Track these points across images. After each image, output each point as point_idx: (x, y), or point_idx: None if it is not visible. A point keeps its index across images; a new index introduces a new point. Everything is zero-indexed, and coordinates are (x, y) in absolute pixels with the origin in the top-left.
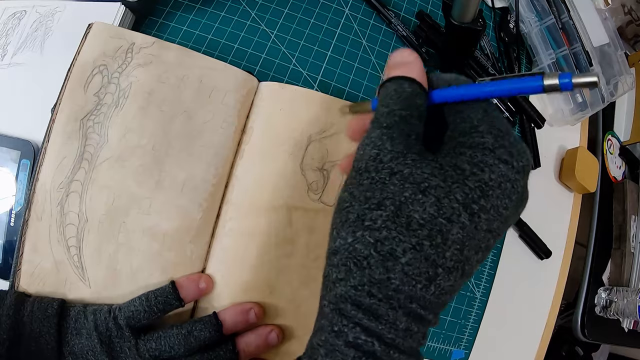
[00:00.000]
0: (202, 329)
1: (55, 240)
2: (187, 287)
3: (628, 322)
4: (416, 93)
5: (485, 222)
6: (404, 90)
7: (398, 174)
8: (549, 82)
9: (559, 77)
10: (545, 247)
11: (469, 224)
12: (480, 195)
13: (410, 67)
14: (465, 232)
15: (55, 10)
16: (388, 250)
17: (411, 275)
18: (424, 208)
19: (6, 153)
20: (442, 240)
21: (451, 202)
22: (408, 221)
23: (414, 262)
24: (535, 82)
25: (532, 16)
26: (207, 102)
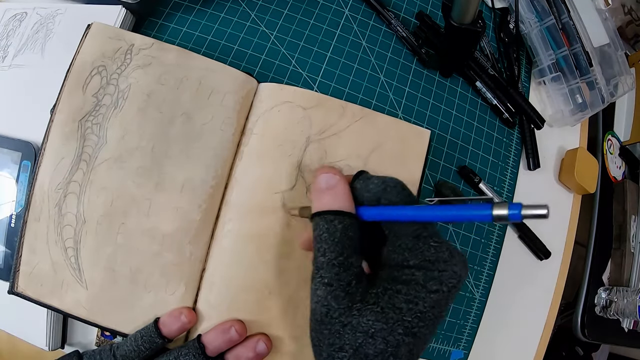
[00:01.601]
0: (186, 354)
1: (53, 242)
2: (169, 323)
3: (628, 322)
4: (347, 227)
5: (426, 330)
6: (335, 229)
7: (348, 325)
8: (498, 213)
9: (508, 208)
10: (545, 248)
11: (413, 340)
12: (418, 321)
13: (336, 191)
14: (411, 345)
15: (56, 13)
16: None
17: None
18: (375, 346)
19: (7, 154)
20: (393, 358)
21: (395, 336)
22: (365, 355)
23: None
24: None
25: (532, 16)
26: (206, 103)
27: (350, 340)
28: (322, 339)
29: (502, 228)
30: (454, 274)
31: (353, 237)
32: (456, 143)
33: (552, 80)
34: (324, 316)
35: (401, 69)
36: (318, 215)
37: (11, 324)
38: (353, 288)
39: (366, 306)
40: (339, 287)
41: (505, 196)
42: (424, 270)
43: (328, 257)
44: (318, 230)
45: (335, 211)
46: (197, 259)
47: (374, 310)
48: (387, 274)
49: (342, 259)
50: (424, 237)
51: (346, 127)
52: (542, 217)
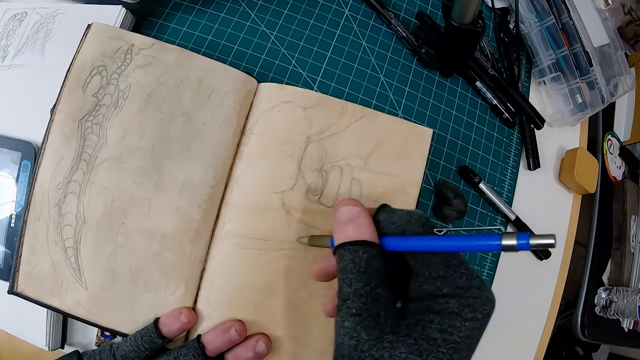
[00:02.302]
0: (186, 354)
1: (53, 241)
2: (169, 324)
3: (628, 322)
4: (372, 257)
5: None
6: (360, 259)
7: (380, 359)
8: (507, 243)
9: (516, 238)
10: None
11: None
12: (453, 352)
13: (359, 222)
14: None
15: (56, 12)
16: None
17: None
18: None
19: (7, 154)
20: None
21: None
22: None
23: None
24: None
25: (532, 16)
26: (206, 103)
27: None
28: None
29: (502, 228)
30: (487, 300)
31: (379, 268)
32: (456, 143)
33: (552, 80)
34: (352, 350)
35: (401, 69)
36: (342, 246)
37: (11, 324)
38: (382, 319)
39: (398, 338)
40: (368, 317)
41: (505, 196)
42: (458, 297)
43: (355, 287)
44: (343, 262)
45: (360, 241)
46: (197, 258)
47: (406, 342)
48: (419, 306)
49: (370, 288)
50: (454, 265)
51: (346, 127)
52: (550, 247)
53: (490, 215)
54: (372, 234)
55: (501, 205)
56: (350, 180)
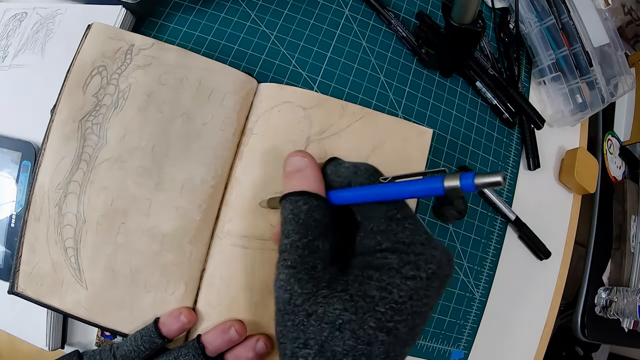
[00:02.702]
0: (186, 354)
1: (53, 241)
2: (169, 324)
3: (628, 322)
4: (312, 208)
5: (405, 328)
6: (300, 210)
7: (313, 314)
8: (450, 184)
9: (460, 179)
10: (545, 248)
11: (388, 337)
12: (393, 314)
13: (304, 173)
14: (386, 344)
15: (56, 13)
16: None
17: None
18: (343, 342)
19: (7, 154)
20: (366, 358)
21: (366, 330)
22: (332, 354)
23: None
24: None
25: (532, 16)
26: (206, 103)
27: (316, 333)
28: (286, 333)
29: (502, 228)
30: (432, 257)
31: (320, 220)
32: (456, 143)
33: (552, 80)
34: (286, 304)
35: (401, 69)
36: (285, 197)
37: (11, 324)
38: (319, 272)
39: (333, 293)
40: (302, 269)
41: (505, 196)
42: (399, 253)
43: (292, 239)
44: (284, 212)
45: (301, 192)
46: (197, 258)
47: (342, 297)
48: (360, 261)
49: (307, 240)
50: (397, 218)
51: (346, 127)
52: (496, 185)
53: (490, 215)
54: (317, 185)
55: (501, 205)
56: None
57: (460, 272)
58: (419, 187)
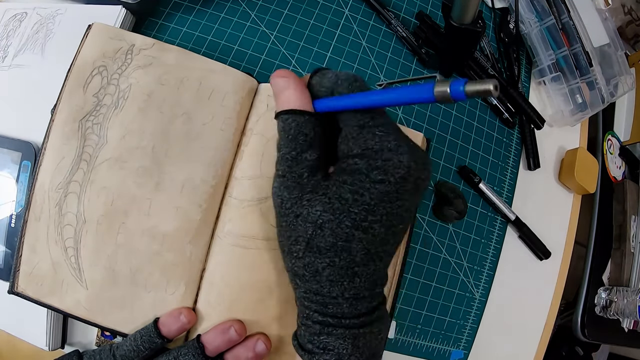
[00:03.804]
0: (186, 354)
1: (53, 241)
2: (168, 324)
3: (628, 322)
4: (301, 124)
5: (381, 227)
6: (289, 126)
7: (300, 216)
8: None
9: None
10: (545, 248)
11: (365, 235)
12: (366, 215)
13: (289, 93)
14: (364, 242)
15: (56, 13)
16: (313, 269)
17: (335, 281)
18: (324, 239)
19: (7, 154)
20: (348, 254)
21: (343, 229)
22: (318, 249)
23: (333, 273)
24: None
25: (532, 16)
26: (206, 103)
27: (303, 231)
28: (282, 233)
29: (502, 228)
30: (399, 163)
31: (308, 134)
32: (456, 143)
33: (552, 80)
34: (279, 207)
35: (401, 69)
36: (276, 117)
37: (11, 324)
38: (304, 180)
39: (315, 197)
40: (290, 178)
41: (505, 196)
42: (367, 159)
43: (282, 152)
44: (278, 129)
45: (289, 110)
46: (197, 258)
47: (322, 200)
48: (337, 166)
49: (295, 153)
50: (369, 126)
51: None
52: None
53: (490, 215)
54: (303, 101)
55: (501, 205)
56: None
57: (460, 272)
58: (407, 92)
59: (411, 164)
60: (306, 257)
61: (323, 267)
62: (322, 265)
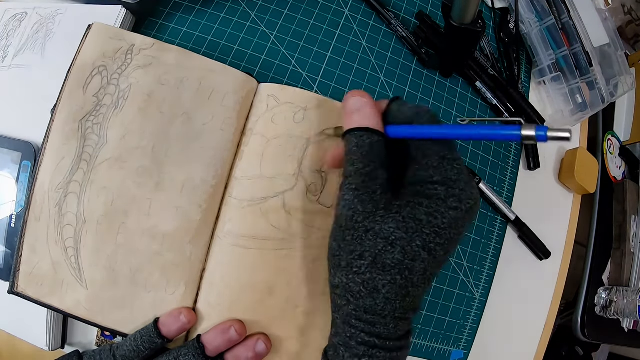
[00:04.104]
0: (186, 354)
1: (53, 241)
2: (168, 324)
3: (628, 322)
4: (374, 142)
5: (442, 251)
6: (364, 143)
7: (371, 231)
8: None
9: (535, 129)
10: (545, 248)
11: (428, 257)
12: (436, 237)
13: (364, 112)
14: (426, 262)
15: (56, 13)
16: (372, 286)
17: (390, 299)
18: (393, 255)
19: (7, 154)
20: (409, 273)
21: (413, 248)
22: (383, 265)
23: (391, 291)
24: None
25: (532, 16)
26: (206, 103)
27: (371, 247)
28: (343, 247)
29: (502, 228)
30: (471, 194)
31: (380, 153)
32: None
33: (552, 80)
34: (349, 220)
35: (401, 69)
36: (349, 132)
37: (11, 324)
38: (378, 196)
39: (389, 214)
40: (365, 192)
41: (505, 196)
42: (447, 187)
43: (357, 167)
44: (349, 145)
45: (365, 128)
46: (197, 259)
47: (396, 218)
48: (411, 190)
49: (369, 169)
50: (448, 158)
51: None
52: (565, 140)
53: (490, 215)
54: (376, 122)
55: (501, 205)
56: None
57: (460, 272)
58: (497, 131)
59: (477, 197)
60: (368, 272)
61: (383, 285)
62: (383, 282)
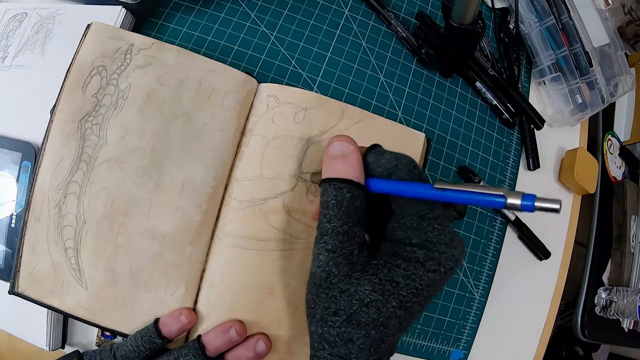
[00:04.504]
0: (186, 354)
1: (53, 242)
2: (169, 324)
3: (628, 322)
4: (354, 197)
5: (418, 306)
6: (343, 197)
7: (346, 292)
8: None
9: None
10: (544, 248)
11: (404, 313)
12: (412, 297)
13: (349, 160)
14: (401, 318)
15: (56, 13)
16: (347, 337)
17: (364, 349)
18: (368, 315)
19: (7, 155)
20: (384, 328)
21: (388, 308)
22: (357, 322)
23: (365, 342)
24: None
25: (532, 17)
26: (206, 104)
27: (346, 306)
28: (318, 302)
29: (501, 228)
30: (452, 256)
31: (359, 207)
32: (456, 143)
33: (552, 80)
34: (323, 281)
35: (401, 70)
36: (328, 181)
37: (11, 324)
38: (355, 257)
39: (365, 276)
40: (341, 254)
41: None
42: (425, 250)
43: (333, 225)
44: (326, 196)
45: (346, 180)
46: (197, 259)
47: (372, 280)
48: (389, 249)
49: (347, 227)
50: (428, 218)
51: (346, 129)
52: (554, 212)
53: (490, 216)
54: (360, 174)
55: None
56: None
57: (460, 272)
58: (480, 197)
59: (460, 257)
60: (343, 327)
61: (358, 337)
62: (357, 335)
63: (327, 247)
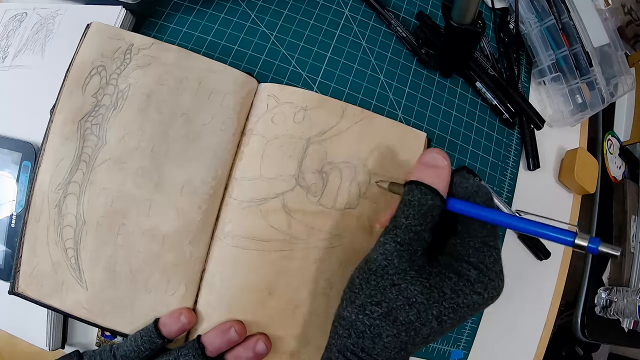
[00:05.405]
0: (186, 355)
1: (53, 242)
2: (169, 324)
3: (628, 322)
4: (435, 206)
5: (450, 324)
6: (426, 203)
7: (397, 286)
8: (579, 242)
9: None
10: (544, 248)
11: (437, 326)
12: (451, 312)
13: (439, 173)
14: (433, 330)
15: (56, 13)
16: (377, 332)
17: (388, 348)
18: (407, 315)
19: (7, 155)
20: (415, 334)
21: (428, 315)
22: (394, 319)
23: (391, 342)
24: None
25: (532, 17)
26: (206, 104)
27: (390, 299)
28: (365, 288)
29: (502, 228)
30: (497, 287)
31: (435, 217)
32: (456, 143)
33: (552, 80)
34: (381, 269)
35: (401, 70)
36: (416, 184)
37: (11, 324)
38: (416, 257)
39: (419, 278)
40: (407, 250)
41: (505, 196)
42: (478, 272)
43: (409, 222)
44: (411, 196)
45: (434, 189)
46: (197, 259)
47: (423, 284)
48: (447, 261)
49: (420, 229)
50: (489, 245)
51: (346, 129)
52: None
53: None
54: (445, 189)
55: (501, 206)
56: (349, 182)
57: None
58: (551, 232)
59: (501, 291)
60: (378, 319)
61: (387, 335)
62: (387, 333)
63: (397, 240)
